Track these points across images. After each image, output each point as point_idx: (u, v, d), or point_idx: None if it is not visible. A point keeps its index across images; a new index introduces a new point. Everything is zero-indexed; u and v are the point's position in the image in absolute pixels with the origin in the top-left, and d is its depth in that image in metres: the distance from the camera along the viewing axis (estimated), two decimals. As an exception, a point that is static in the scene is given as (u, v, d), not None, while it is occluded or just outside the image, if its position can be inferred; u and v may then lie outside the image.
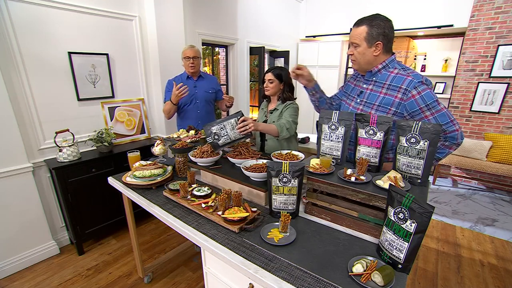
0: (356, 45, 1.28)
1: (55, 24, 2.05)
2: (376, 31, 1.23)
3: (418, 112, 1.22)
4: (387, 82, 1.28)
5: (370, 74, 1.35)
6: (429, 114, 1.20)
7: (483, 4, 3.31)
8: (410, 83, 1.20)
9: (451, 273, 2.08)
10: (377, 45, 1.25)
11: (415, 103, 1.20)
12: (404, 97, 1.22)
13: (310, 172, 1.17)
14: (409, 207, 0.80)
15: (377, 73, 1.32)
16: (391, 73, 1.28)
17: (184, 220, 1.17)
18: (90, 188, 2.20)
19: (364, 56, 1.28)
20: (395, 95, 1.25)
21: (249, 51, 4.04)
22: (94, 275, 2.00)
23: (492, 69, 3.38)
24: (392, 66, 1.30)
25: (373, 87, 1.35)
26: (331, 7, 4.77)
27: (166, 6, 2.52)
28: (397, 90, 1.24)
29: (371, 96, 1.34)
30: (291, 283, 0.81)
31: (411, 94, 1.20)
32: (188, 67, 2.19)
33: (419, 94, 1.19)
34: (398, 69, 1.28)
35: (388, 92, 1.27)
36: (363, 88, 1.39)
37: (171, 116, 2.26)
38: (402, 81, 1.23)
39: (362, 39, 1.25)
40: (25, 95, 1.98)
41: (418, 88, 1.19)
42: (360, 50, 1.28)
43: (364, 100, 1.37)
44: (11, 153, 1.90)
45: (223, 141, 1.57)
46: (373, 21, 1.24)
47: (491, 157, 3.40)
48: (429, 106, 1.19)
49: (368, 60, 1.29)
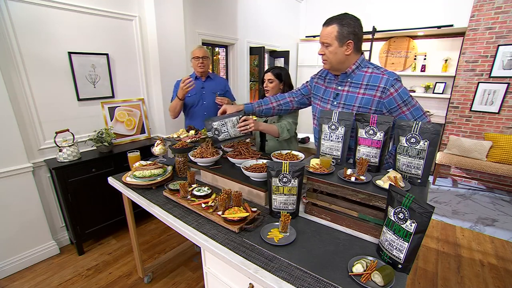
0: (327, 44, 1.28)
1: (55, 24, 2.05)
2: (347, 30, 1.23)
3: (396, 109, 1.27)
4: (364, 82, 1.30)
5: (345, 76, 1.35)
6: (405, 110, 1.26)
7: (483, 4, 3.31)
8: (387, 82, 1.24)
9: (451, 273, 2.09)
10: (348, 44, 1.25)
11: (394, 100, 1.25)
12: (383, 95, 1.26)
13: (310, 172, 1.17)
14: (409, 207, 0.80)
15: (352, 74, 1.33)
16: (365, 72, 1.31)
17: (184, 220, 1.17)
18: (90, 188, 2.20)
19: (335, 55, 1.28)
20: (373, 94, 1.28)
21: (249, 51, 4.04)
22: (94, 275, 2.00)
23: (492, 69, 3.38)
24: (365, 65, 1.32)
25: (349, 88, 1.35)
26: (331, 7, 4.78)
27: (166, 6, 2.52)
28: (375, 89, 1.27)
29: (349, 97, 1.35)
30: (291, 283, 0.81)
31: (389, 92, 1.24)
32: (198, 67, 2.20)
33: (396, 92, 1.24)
34: (372, 68, 1.31)
35: (367, 92, 1.29)
36: (338, 91, 1.39)
37: (176, 114, 2.25)
38: (379, 80, 1.26)
39: (333, 38, 1.25)
40: (25, 95, 1.98)
41: (395, 85, 1.24)
42: (331, 50, 1.27)
43: (342, 103, 1.37)
44: (11, 153, 1.90)
45: (223, 137, 1.60)
46: (343, 20, 1.25)
47: (491, 157, 3.40)
48: (406, 102, 1.25)
49: (339, 59, 1.29)
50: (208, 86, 2.28)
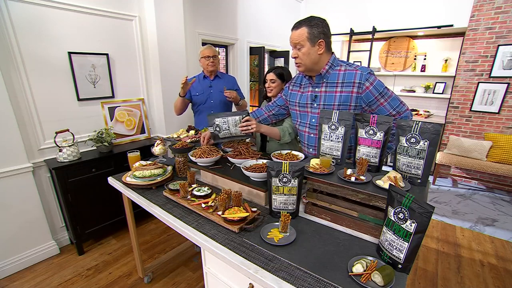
0: (300, 46, 1.30)
1: (55, 24, 2.05)
2: (317, 30, 1.27)
3: (374, 101, 1.31)
4: (340, 80, 1.33)
5: (320, 77, 1.38)
6: (383, 101, 1.30)
7: (483, 4, 3.31)
8: (362, 76, 1.28)
9: (451, 273, 2.09)
10: (319, 44, 1.29)
11: (370, 93, 1.29)
12: (360, 90, 1.30)
13: (310, 172, 1.17)
14: (409, 207, 0.80)
15: (326, 74, 1.36)
16: (339, 71, 1.34)
17: (184, 220, 1.17)
18: (90, 188, 2.20)
19: (309, 56, 1.30)
20: (351, 90, 1.31)
21: (249, 51, 4.04)
22: (94, 275, 2.00)
23: (492, 69, 3.38)
24: (337, 64, 1.36)
25: (326, 88, 1.38)
26: (331, 7, 4.77)
27: (166, 6, 2.52)
28: (351, 85, 1.30)
29: (328, 97, 1.37)
30: (291, 283, 0.81)
31: (365, 86, 1.29)
32: (208, 66, 2.21)
33: (372, 85, 1.28)
34: (344, 65, 1.35)
35: (344, 89, 1.32)
36: (316, 92, 1.42)
37: (179, 110, 2.27)
38: (353, 76, 1.30)
39: (305, 39, 1.28)
40: (25, 95, 1.98)
41: (369, 79, 1.28)
42: (304, 51, 1.30)
43: (322, 103, 1.40)
44: (11, 153, 1.90)
45: (223, 134, 1.63)
46: (311, 21, 1.28)
47: (491, 157, 3.40)
48: (382, 93, 1.29)
49: (313, 59, 1.32)
50: (216, 85, 2.29)
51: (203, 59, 2.21)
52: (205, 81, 2.27)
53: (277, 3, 4.44)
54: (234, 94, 2.19)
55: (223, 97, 2.24)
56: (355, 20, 4.50)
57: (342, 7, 4.64)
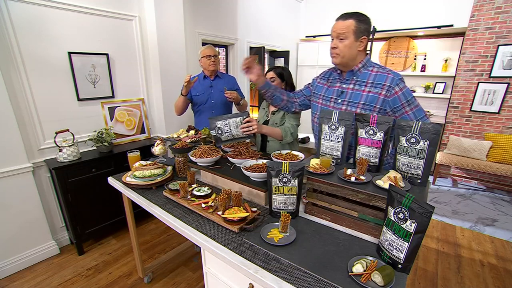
0: (344, 37, 1.27)
1: (55, 24, 2.05)
2: (364, 26, 1.26)
3: (400, 108, 1.28)
4: (370, 80, 1.32)
5: (351, 74, 1.37)
6: (408, 110, 1.28)
7: (483, 4, 3.31)
8: (393, 81, 1.27)
9: (451, 273, 2.09)
10: (362, 40, 1.29)
11: (398, 99, 1.27)
12: (388, 93, 1.28)
13: (310, 172, 1.17)
14: (409, 207, 0.80)
15: (358, 72, 1.35)
16: (371, 71, 1.33)
17: (184, 220, 1.17)
18: (90, 188, 2.20)
19: (350, 49, 1.28)
20: (379, 92, 1.29)
21: (249, 51, 4.04)
22: (94, 275, 2.00)
23: (492, 69, 3.38)
24: (370, 65, 1.35)
25: (354, 86, 1.37)
26: (331, 7, 4.78)
27: (166, 6, 2.52)
28: (381, 88, 1.29)
29: (354, 95, 1.36)
30: (291, 283, 0.81)
31: (394, 91, 1.27)
32: (209, 66, 2.21)
33: (401, 91, 1.27)
34: (377, 67, 1.33)
35: (372, 90, 1.31)
36: (343, 88, 1.40)
37: (180, 110, 2.26)
38: (384, 78, 1.28)
39: (350, 32, 1.25)
40: (25, 95, 1.98)
41: (399, 85, 1.27)
42: (347, 43, 1.28)
43: (347, 100, 1.39)
44: (11, 153, 1.90)
45: (226, 136, 1.64)
46: (360, 16, 1.27)
47: (491, 157, 3.40)
48: (409, 101, 1.27)
49: (352, 54, 1.30)
50: (216, 85, 2.29)
51: (204, 59, 2.21)
52: (206, 81, 2.27)
53: (277, 3, 4.44)
54: (234, 94, 2.19)
55: (224, 97, 2.23)
56: (355, 20, 4.49)
57: (342, 7, 4.62)
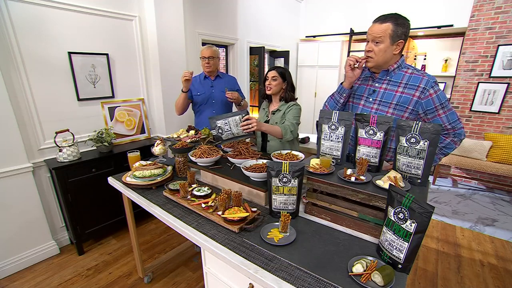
0: (379, 41, 1.25)
1: (55, 24, 2.05)
2: (401, 30, 1.23)
3: (433, 110, 1.27)
4: (403, 81, 1.31)
5: (385, 73, 1.35)
6: (442, 113, 1.27)
7: (483, 4, 3.31)
8: (428, 83, 1.25)
9: (451, 273, 2.09)
10: (398, 44, 1.26)
11: (432, 101, 1.26)
12: (422, 95, 1.26)
13: (310, 172, 1.17)
14: (409, 207, 0.80)
15: (392, 73, 1.34)
16: (405, 72, 1.32)
17: (184, 220, 1.17)
18: (90, 188, 2.20)
19: (385, 53, 1.27)
20: (413, 94, 1.28)
21: (249, 51, 4.04)
22: (94, 275, 2.00)
23: (492, 69, 3.38)
24: (405, 66, 1.34)
25: (387, 86, 1.35)
26: (331, 7, 4.77)
27: (166, 6, 2.52)
28: (415, 89, 1.28)
29: (387, 95, 1.34)
30: (291, 283, 0.81)
31: (428, 93, 1.25)
32: (204, 67, 2.22)
33: (435, 93, 1.25)
34: (412, 69, 1.32)
35: (405, 90, 1.30)
36: (375, 87, 1.39)
37: (180, 109, 2.24)
38: (419, 80, 1.27)
39: (386, 36, 1.23)
40: (25, 95, 1.97)
41: (434, 87, 1.25)
42: (382, 47, 1.25)
43: (378, 99, 1.37)
44: (11, 153, 1.90)
45: (226, 135, 1.66)
46: (397, 19, 1.24)
47: (491, 157, 3.40)
48: (443, 105, 1.26)
49: (387, 58, 1.28)
50: (217, 85, 2.29)
51: (201, 59, 2.22)
52: (207, 81, 2.27)
53: (277, 3, 4.44)
54: (236, 95, 2.19)
55: (224, 97, 2.23)
56: (355, 20, 4.49)
57: (342, 7, 4.64)
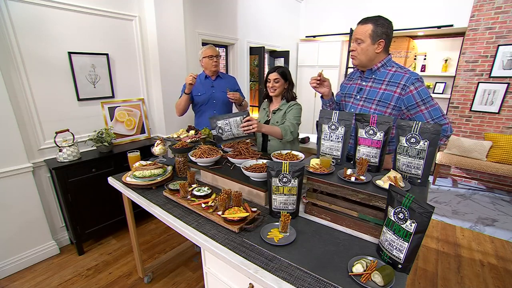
0: (361, 41, 1.35)
1: (55, 24, 2.05)
2: (381, 30, 1.32)
3: (414, 106, 1.31)
4: (387, 79, 1.37)
5: (370, 72, 1.43)
6: (424, 109, 1.30)
7: (483, 4, 3.31)
8: (408, 79, 1.30)
9: (451, 273, 2.09)
10: (379, 43, 1.33)
11: (412, 97, 1.30)
12: (403, 92, 1.31)
13: (310, 172, 1.17)
14: (409, 207, 0.80)
15: (376, 71, 1.41)
16: (389, 71, 1.38)
17: (184, 220, 1.17)
18: (90, 188, 2.20)
19: (366, 52, 1.35)
20: (394, 90, 1.33)
21: (249, 51, 4.04)
22: (94, 275, 2.00)
23: (492, 69, 3.38)
24: (390, 64, 1.40)
25: (372, 83, 1.42)
26: (331, 7, 4.77)
27: (166, 6, 2.52)
28: (396, 86, 1.33)
29: (371, 92, 1.41)
30: (291, 283, 0.81)
31: (409, 90, 1.30)
32: (211, 66, 2.21)
33: (416, 90, 1.29)
34: (396, 67, 1.38)
35: (388, 87, 1.36)
36: (362, 86, 1.46)
37: (181, 110, 2.24)
38: (400, 77, 1.33)
39: (367, 36, 1.33)
40: (25, 95, 1.97)
41: (415, 84, 1.29)
42: (363, 46, 1.35)
43: (364, 97, 1.44)
44: (11, 153, 1.90)
45: (226, 136, 1.65)
46: (378, 20, 1.33)
47: (491, 157, 3.40)
48: (425, 101, 1.29)
49: (369, 56, 1.37)
50: (217, 85, 2.29)
51: (206, 59, 2.20)
52: (207, 81, 2.27)
53: (277, 3, 4.44)
54: (237, 95, 2.19)
55: (225, 97, 2.23)
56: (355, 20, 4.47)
57: (342, 7, 4.64)
